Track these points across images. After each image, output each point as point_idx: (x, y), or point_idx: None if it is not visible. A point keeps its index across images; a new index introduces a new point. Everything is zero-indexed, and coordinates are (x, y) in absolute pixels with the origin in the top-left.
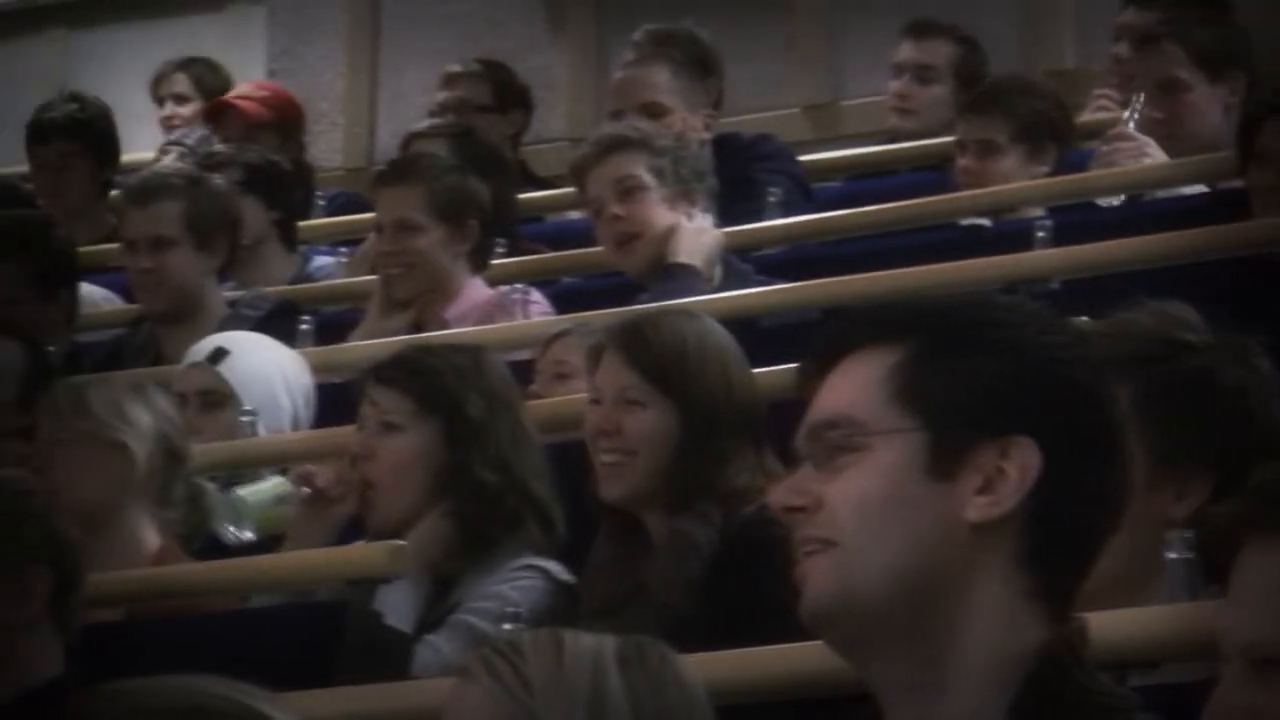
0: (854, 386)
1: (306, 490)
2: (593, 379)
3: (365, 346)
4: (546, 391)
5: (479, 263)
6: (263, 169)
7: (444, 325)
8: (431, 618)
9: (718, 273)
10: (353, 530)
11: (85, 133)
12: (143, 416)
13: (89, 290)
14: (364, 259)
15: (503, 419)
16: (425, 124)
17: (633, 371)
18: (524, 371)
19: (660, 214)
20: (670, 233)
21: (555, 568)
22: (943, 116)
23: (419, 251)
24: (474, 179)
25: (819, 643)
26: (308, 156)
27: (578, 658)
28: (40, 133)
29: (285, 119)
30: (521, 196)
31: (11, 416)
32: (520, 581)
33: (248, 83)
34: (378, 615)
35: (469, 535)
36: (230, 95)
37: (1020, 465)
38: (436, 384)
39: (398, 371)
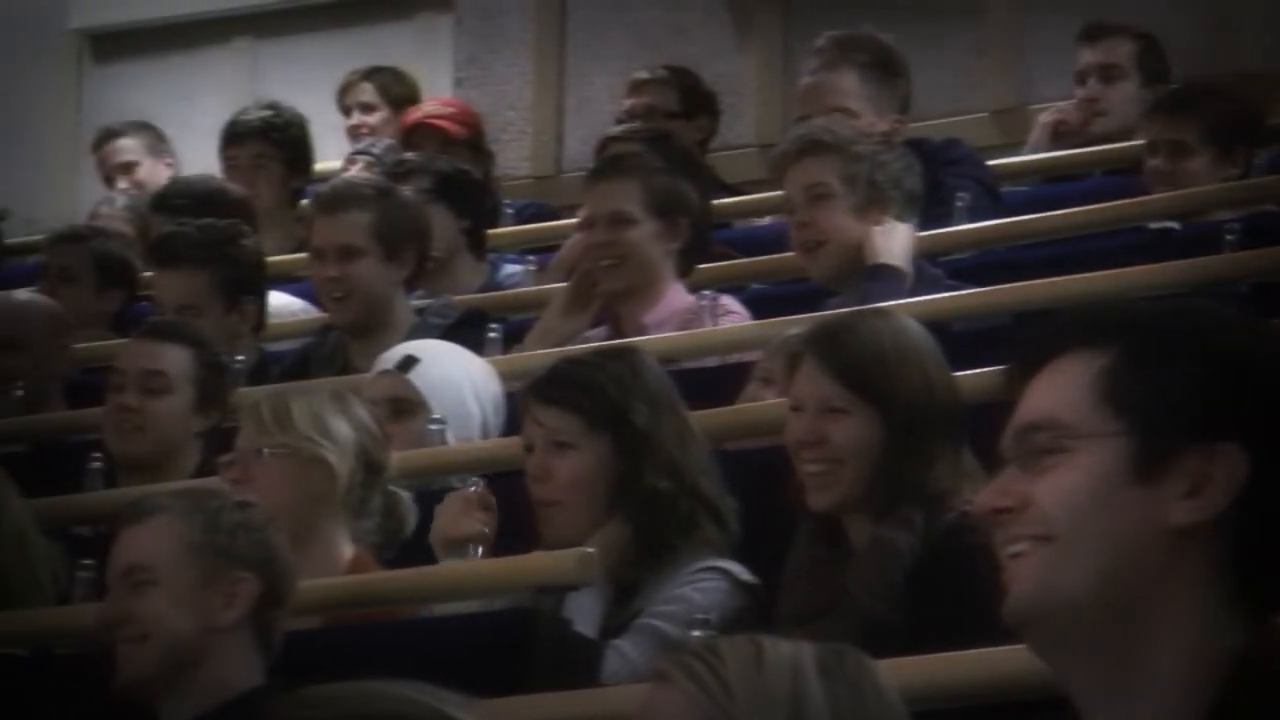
0: (1061, 390)
1: None
2: (791, 387)
3: (553, 354)
4: (758, 396)
5: (686, 265)
6: (453, 178)
7: (642, 331)
8: (614, 623)
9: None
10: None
11: (280, 138)
12: (344, 429)
13: (288, 302)
14: (557, 266)
15: (668, 422)
16: (621, 128)
17: (833, 379)
18: (716, 377)
19: (846, 223)
20: (861, 239)
21: (736, 568)
22: (1134, 113)
23: (631, 244)
24: (684, 181)
25: (1017, 647)
26: (495, 165)
27: (778, 663)
28: (236, 134)
29: (476, 134)
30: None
31: (192, 418)
32: (702, 584)
33: (432, 99)
34: (567, 622)
35: (647, 542)
36: (421, 114)
37: (1226, 471)
38: (601, 397)
39: (560, 389)
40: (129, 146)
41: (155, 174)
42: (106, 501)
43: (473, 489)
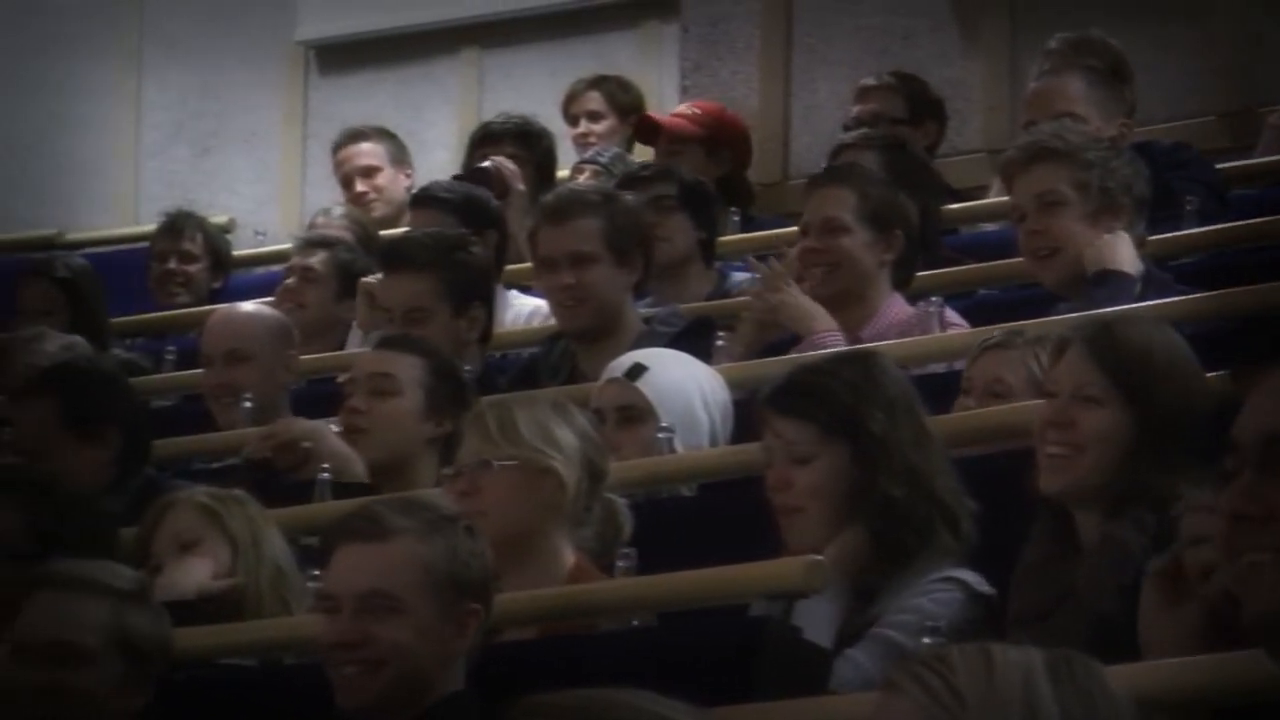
0: None
1: None
2: (1050, 372)
3: (779, 362)
4: (980, 405)
5: (901, 278)
6: (695, 187)
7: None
8: (851, 630)
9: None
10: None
11: (535, 143)
12: (569, 438)
13: (538, 304)
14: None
15: (904, 427)
16: (856, 134)
17: (1096, 369)
18: (939, 384)
19: (1078, 230)
20: (1092, 246)
21: (973, 579)
22: None
23: (843, 251)
24: (904, 195)
25: (1248, 652)
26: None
27: (1008, 670)
28: (492, 136)
29: (713, 136)
30: None
31: (420, 423)
32: (938, 594)
33: (685, 104)
34: (797, 630)
35: (885, 549)
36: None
37: None
38: (836, 406)
39: (795, 399)
40: (372, 151)
41: (395, 183)
42: (334, 512)
43: None
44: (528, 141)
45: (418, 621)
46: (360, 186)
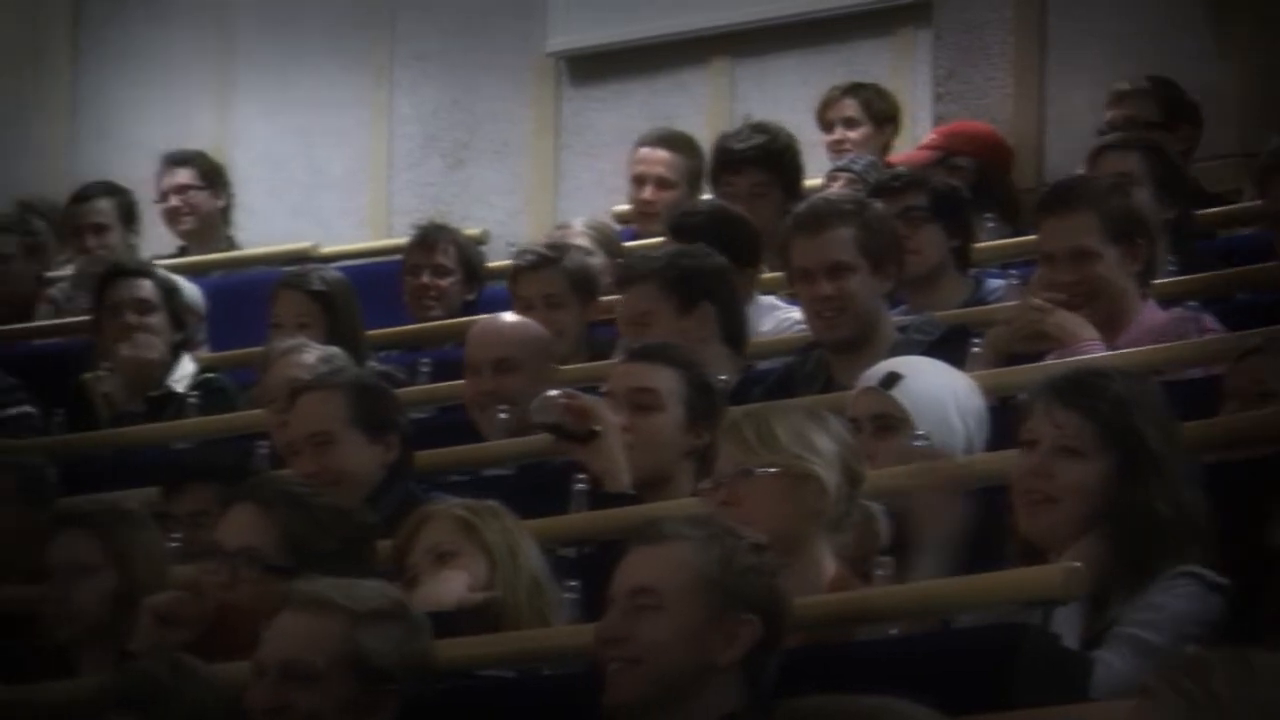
0: None
1: None
2: None
3: (1038, 369)
4: (1244, 409)
5: (1144, 282)
6: (948, 196)
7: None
8: (1090, 634)
9: None
10: None
11: (777, 163)
12: (827, 444)
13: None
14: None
15: (1175, 447)
16: (1112, 137)
17: None
18: (1197, 390)
19: None
20: None
21: (1209, 573)
22: None
23: (1099, 279)
24: (1138, 197)
25: None
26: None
27: (1267, 673)
28: (734, 162)
29: (947, 149)
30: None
31: (681, 436)
32: (1177, 589)
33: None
34: (1055, 636)
35: (1126, 559)
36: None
37: None
38: (1121, 414)
39: (1083, 395)
40: (669, 161)
41: (683, 200)
42: (591, 523)
43: None
44: (770, 163)
45: (679, 622)
46: (645, 193)
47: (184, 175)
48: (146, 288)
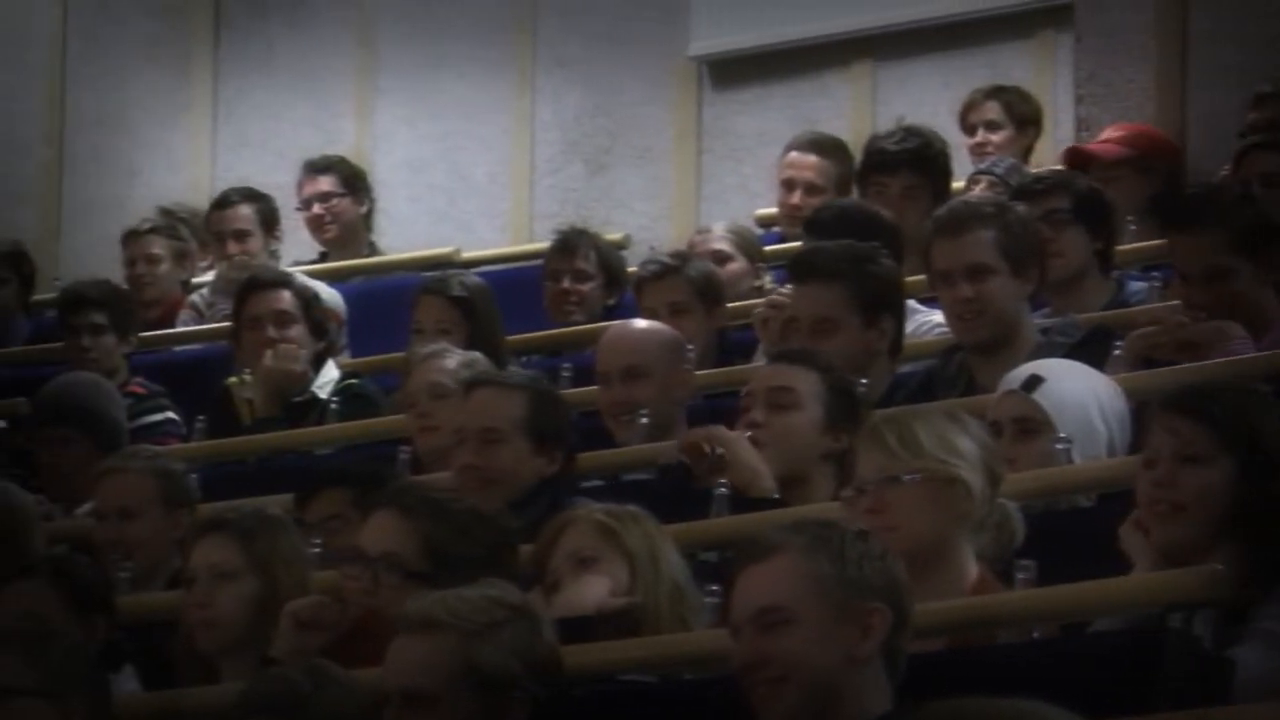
0: None
1: None
2: None
3: (1177, 371)
4: None
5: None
6: (1090, 198)
7: None
8: (1224, 639)
9: None
10: None
11: (929, 166)
12: (969, 446)
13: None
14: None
15: None
16: (1258, 138)
17: None
18: None
19: None
20: None
21: None
22: None
23: (1237, 295)
24: (1266, 204)
25: None
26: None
27: None
28: (886, 163)
29: (1144, 154)
30: None
31: (819, 437)
32: None
33: (1110, 128)
34: (1198, 639)
35: (1262, 562)
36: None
37: None
38: (1237, 417)
39: (1198, 402)
40: (819, 166)
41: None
42: (732, 527)
43: None
44: (922, 166)
45: (812, 629)
46: (797, 199)
47: (326, 182)
48: (285, 299)
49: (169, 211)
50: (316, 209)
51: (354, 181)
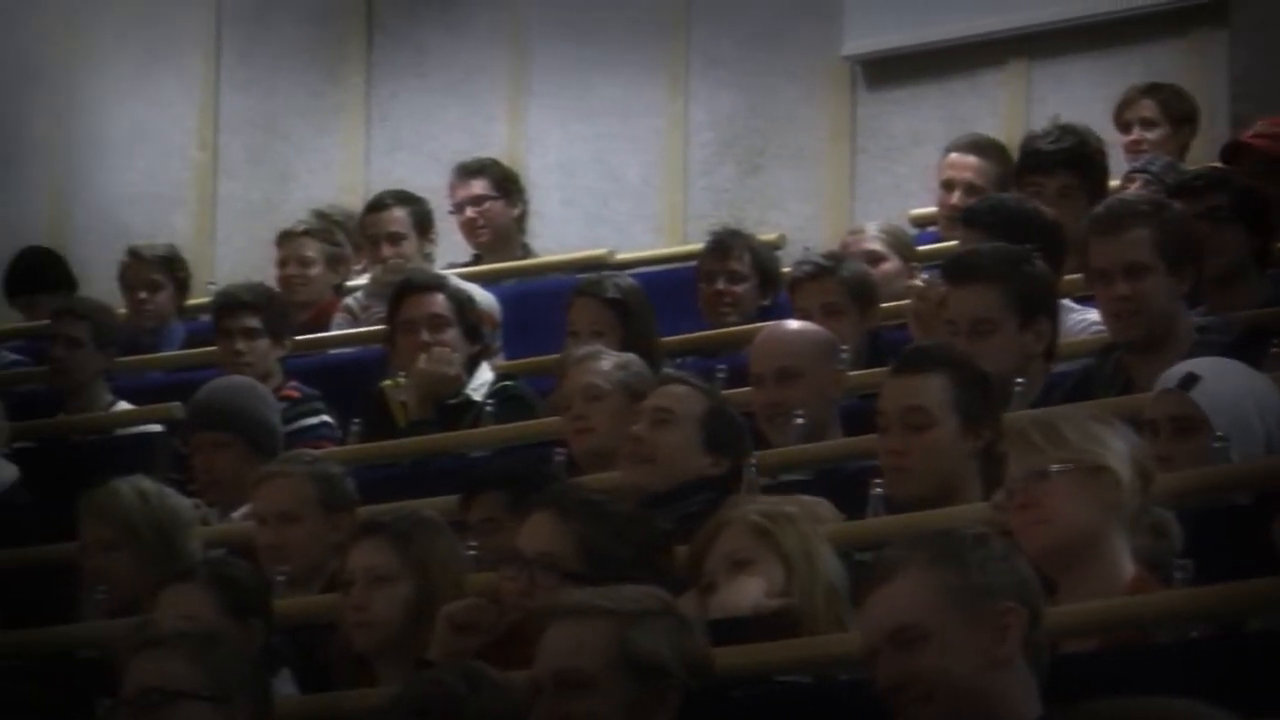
0: None
1: None
2: None
3: None
4: None
5: None
6: (1249, 195)
7: None
8: None
9: None
10: None
11: (1085, 166)
12: (1116, 441)
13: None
14: None
15: None
16: None
17: None
18: None
19: None
20: None
21: None
22: None
23: None
24: None
25: None
26: None
27: None
28: (1042, 163)
29: None
30: None
31: (961, 443)
32: None
33: (1264, 120)
34: None
35: None
36: (1246, 135)
37: None
38: None
39: None
40: (979, 167)
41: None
42: (888, 527)
43: None
44: (1080, 166)
45: (948, 641)
46: (957, 199)
47: (478, 186)
48: (440, 303)
49: (323, 214)
50: (469, 213)
51: (506, 184)
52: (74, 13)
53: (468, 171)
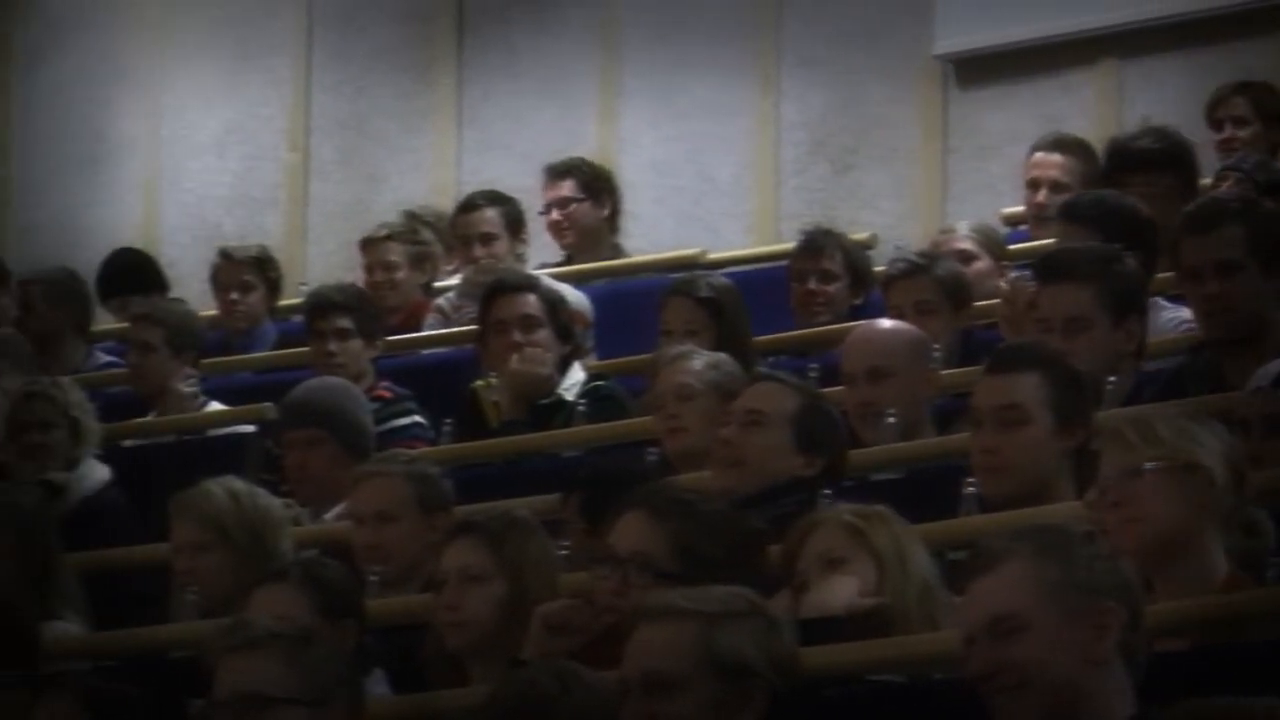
0: None
1: None
2: None
3: None
4: None
5: None
6: None
7: None
8: None
9: None
10: None
11: (1175, 165)
12: (1208, 436)
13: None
14: None
15: None
16: None
17: None
18: None
19: None
20: None
21: None
22: None
23: None
24: None
25: None
26: None
27: None
28: (1131, 163)
29: None
30: None
31: (1054, 442)
32: None
33: None
34: None
35: None
36: None
37: None
38: None
39: None
40: (1064, 165)
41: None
42: (980, 526)
43: None
44: (1170, 165)
45: (1046, 634)
46: (1043, 198)
47: (566, 188)
48: (531, 303)
49: (413, 215)
50: (555, 214)
51: (595, 184)
52: (164, 14)
53: (555, 173)
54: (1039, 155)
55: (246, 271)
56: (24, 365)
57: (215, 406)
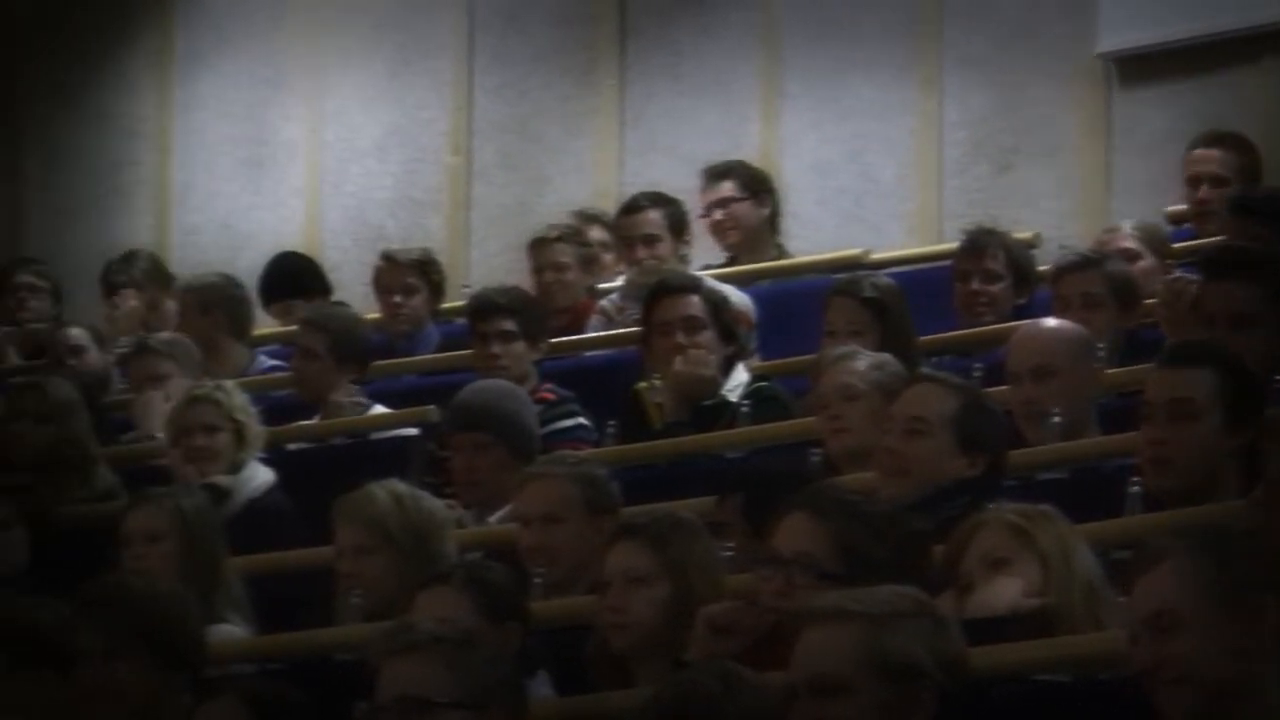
0: None
1: None
2: None
3: None
4: None
5: None
6: None
7: None
8: None
9: None
10: None
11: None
12: None
13: None
14: None
15: None
16: None
17: None
18: None
19: None
20: None
21: None
22: None
23: None
24: None
25: None
26: None
27: None
28: None
29: None
30: None
31: (1221, 439)
32: None
33: None
34: None
35: None
36: None
37: None
38: None
39: None
40: (1222, 159)
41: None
42: (1145, 525)
43: None
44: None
45: (1203, 630)
46: (1204, 193)
47: (726, 188)
48: (695, 304)
49: (581, 217)
50: (717, 215)
51: (754, 185)
52: (326, 18)
53: (715, 174)
54: (1197, 151)
55: (409, 274)
56: (192, 369)
57: (378, 409)
